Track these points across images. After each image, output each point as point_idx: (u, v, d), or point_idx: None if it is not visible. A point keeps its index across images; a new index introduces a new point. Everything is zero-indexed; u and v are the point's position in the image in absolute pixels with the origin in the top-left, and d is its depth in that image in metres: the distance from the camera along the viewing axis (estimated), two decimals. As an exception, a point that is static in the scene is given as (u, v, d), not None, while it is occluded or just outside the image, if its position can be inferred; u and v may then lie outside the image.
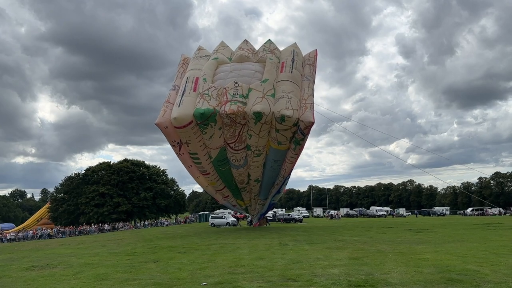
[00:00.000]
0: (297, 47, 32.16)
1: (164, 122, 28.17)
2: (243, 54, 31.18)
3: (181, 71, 33.01)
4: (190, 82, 29.29)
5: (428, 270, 10.51)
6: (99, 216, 64.30)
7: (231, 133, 27.42)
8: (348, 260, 12.73)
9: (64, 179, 73.23)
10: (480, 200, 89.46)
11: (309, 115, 26.94)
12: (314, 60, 31.95)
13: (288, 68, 29.40)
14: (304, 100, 28.14)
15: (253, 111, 25.91)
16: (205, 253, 16.35)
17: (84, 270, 12.92)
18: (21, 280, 11.60)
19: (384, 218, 69.34)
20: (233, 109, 25.98)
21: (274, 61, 29.95)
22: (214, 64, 30.69)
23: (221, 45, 33.50)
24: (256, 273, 10.70)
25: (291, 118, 25.98)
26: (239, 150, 28.77)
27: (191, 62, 32.69)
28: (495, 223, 38.35)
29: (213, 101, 26.87)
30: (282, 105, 26.39)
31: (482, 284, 8.66)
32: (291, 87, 28.10)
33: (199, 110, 26.27)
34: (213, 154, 29.48)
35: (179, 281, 10.01)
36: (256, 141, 28.10)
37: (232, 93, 27.08)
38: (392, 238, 22.13)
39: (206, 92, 27.49)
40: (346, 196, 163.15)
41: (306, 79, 30.10)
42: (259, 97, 26.84)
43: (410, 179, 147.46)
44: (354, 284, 8.92)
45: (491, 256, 13.24)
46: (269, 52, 30.90)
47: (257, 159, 29.70)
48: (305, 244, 18.98)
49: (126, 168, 70.37)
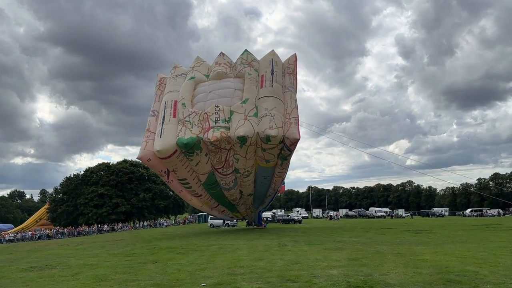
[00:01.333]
0: (275, 54, 31.22)
1: (147, 155, 27.60)
2: (220, 71, 30.24)
3: (159, 93, 32.20)
4: (168, 107, 28.49)
5: (427, 271, 10.53)
6: (98, 217, 64.24)
7: (217, 159, 26.97)
8: (347, 261, 12.73)
9: (63, 180, 73.24)
10: (495, 199, 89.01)
11: (294, 131, 26.49)
12: (294, 67, 31.15)
13: (268, 83, 28.64)
14: (288, 115, 27.59)
15: (236, 136, 25.44)
16: (204, 254, 16.35)
17: (83, 271, 12.92)
18: (20, 281, 11.59)
19: (383, 219, 69.36)
20: (216, 136, 25.48)
21: (253, 76, 29.19)
22: (191, 85, 29.86)
23: (196, 61, 32.44)
24: (255, 274, 10.71)
25: (276, 137, 25.60)
26: (227, 174, 28.40)
27: (168, 82, 31.79)
28: (494, 224, 38.40)
29: (196, 129, 26.27)
30: (266, 124, 25.86)
31: (481, 285, 8.67)
32: (273, 103, 27.41)
33: (182, 140, 25.71)
34: (202, 179, 29.12)
35: (178, 282, 10.01)
36: (244, 164, 27.70)
37: (214, 118, 26.47)
38: (391, 239, 22.15)
39: (187, 119, 26.81)
40: (345, 197, 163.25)
41: (288, 90, 29.39)
42: (241, 119, 26.23)
43: (409, 180, 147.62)
44: (353, 285, 8.92)
45: (490, 257, 13.26)
46: (247, 65, 30.03)
47: (247, 179, 29.44)
48: (304, 245, 18.98)
49: (125, 169, 70.32)
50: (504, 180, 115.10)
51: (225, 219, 44.02)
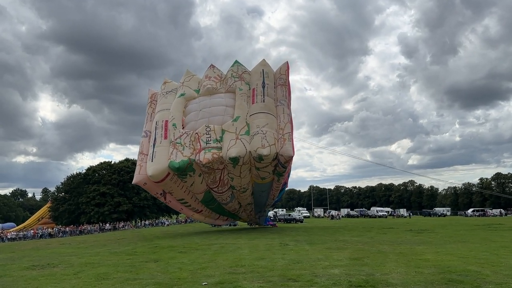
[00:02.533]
0: (266, 65, 30.52)
1: (142, 180, 27.49)
2: (210, 86, 29.71)
3: (150, 112, 31.85)
4: (160, 128, 28.18)
5: (429, 270, 10.51)
6: (99, 215, 64.36)
7: (211, 179, 26.76)
8: (349, 261, 12.72)
9: (65, 179, 73.40)
10: (497, 199, 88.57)
11: (288, 148, 26.03)
12: (286, 78, 30.38)
13: (259, 97, 28.03)
14: (282, 130, 27.10)
15: (228, 157, 25.18)
16: (205, 253, 16.35)
17: (84, 269, 12.94)
18: (22, 279, 11.61)
19: (385, 219, 69.33)
20: (208, 158, 25.26)
21: (244, 91, 28.56)
22: (182, 103, 29.39)
23: (186, 75, 31.83)
24: (256, 273, 10.70)
25: (269, 155, 25.27)
26: (223, 192, 28.24)
27: (158, 100, 31.34)
28: (496, 224, 38.35)
29: (187, 150, 25.99)
30: (258, 143, 25.43)
31: (483, 285, 8.65)
32: (265, 119, 26.88)
33: (174, 164, 25.51)
34: (199, 197, 29.00)
35: (180, 281, 10.01)
36: (239, 182, 27.46)
37: (205, 139, 26.17)
38: (392, 238, 22.12)
39: (178, 140, 26.55)
40: (347, 197, 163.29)
41: (280, 104, 28.76)
42: (232, 139, 25.87)
43: (411, 180, 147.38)
44: (354, 284, 8.91)
45: (492, 257, 13.23)
46: (237, 78, 29.41)
47: (244, 194, 29.30)
48: (305, 244, 18.97)
49: (127, 168, 70.37)
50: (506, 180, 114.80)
51: (231, 223, 44.59)
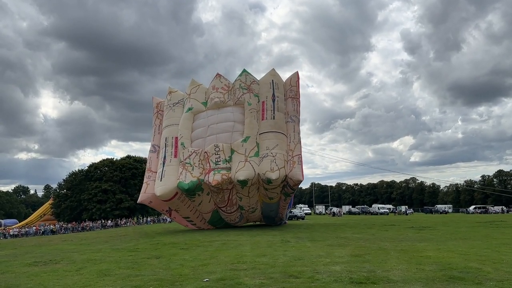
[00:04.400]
0: (276, 75, 29.72)
1: (148, 198, 27.50)
2: (218, 100, 29.04)
3: (157, 123, 31.54)
4: (170, 145, 28.07)
5: (430, 267, 10.51)
6: (101, 212, 64.52)
7: (220, 198, 26.69)
8: (350, 257, 12.73)
9: (67, 176, 73.55)
10: (499, 196, 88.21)
11: (298, 172, 25.97)
12: (296, 90, 29.93)
13: (269, 113, 27.59)
14: (292, 151, 26.94)
15: (237, 179, 25.15)
16: (207, 249, 16.38)
17: (87, 265, 12.98)
18: (24, 275, 11.66)
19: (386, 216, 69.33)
20: (217, 179, 25.24)
21: (253, 106, 28.02)
22: (189, 119, 29.01)
23: (192, 85, 30.86)
24: (258, 270, 10.73)
25: (277, 179, 25.24)
26: (232, 212, 28.16)
27: (165, 112, 30.89)
28: (498, 221, 38.32)
29: (196, 171, 25.93)
30: (267, 166, 25.34)
31: (484, 282, 8.65)
32: (275, 140, 26.66)
33: (183, 186, 25.48)
34: (207, 217, 28.91)
35: (182, 277, 10.04)
36: (248, 201, 27.39)
37: (214, 159, 26.06)
38: (394, 235, 22.12)
39: (188, 160, 26.46)
40: (348, 194, 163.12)
41: (291, 121, 28.50)
42: (241, 161, 25.76)
43: (413, 177, 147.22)
44: (355, 281, 8.92)
45: (493, 254, 13.23)
46: (245, 89, 28.69)
47: (253, 214, 29.21)
48: (307, 241, 18.99)
49: (129, 165, 70.56)
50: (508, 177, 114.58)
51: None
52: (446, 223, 35.63)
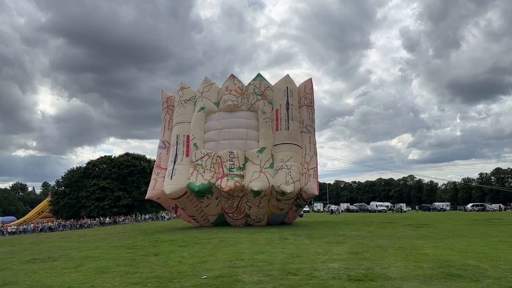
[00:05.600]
0: (290, 81, 29.67)
1: (156, 195, 27.46)
2: (231, 103, 28.71)
3: (167, 119, 31.15)
4: (181, 143, 27.76)
5: (428, 265, 10.54)
6: (100, 209, 64.53)
7: (229, 204, 26.56)
8: (348, 255, 12.76)
9: (65, 173, 73.55)
10: (507, 194, 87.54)
11: (313, 186, 25.84)
12: (311, 97, 29.81)
13: (283, 123, 27.45)
14: (307, 164, 26.76)
15: (250, 189, 25.03)
16: (205, 247, 16.39)
17: (85, 263, 12.97)
18: (22, 272, 11.65)
19: (384, 213, 69.46)
20: (230, 185, 25.11)
21: (267, 115, 27.80)
22: (202, 118, 28.68)
23: (205, 84, 30.46)
24: (256, 267, 10.74)
25: (292, 193, 25.20)
26: (238, 219, 28.06)
27: (176, 108, 30.50)
28: (495, 218, 38.45)
29: (207, 174, 25.75)
30: (282, 179, 25.28)
31: (482, 279, 8.67)
32: (289, 152, 26.57)
33: (194, 187, 25.36)
34: (212, 219, 28.83)
35: (180, 275, 10.04)
36: (256, 212, 27.25)
37: (228, 166, 25.94)
38: (392, 233, 22.17)
39: (200, 162, 26.30)
40: (346, 191, 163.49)
41: (307, 131, 28.33)
42: (256, 171, 25.63)
43: (411, 175, 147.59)
44: (353, 278, 8.94)
45: (490, 252, 13.27)
46: (259, 95, 28.46)
47: (258, 223, 29.05)
48: (305, 238, 19.02)
49: (127, 162, 70.51)
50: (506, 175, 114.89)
51: None
52: (443, 221, 35.72)
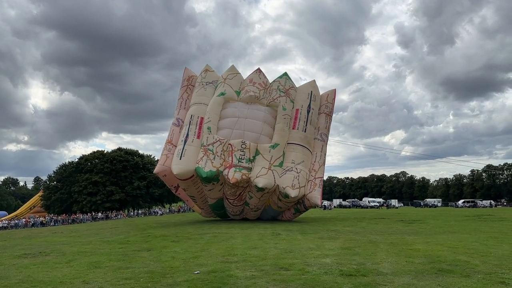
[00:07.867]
0: (316, 86, 30.00)
1: (164, 171, 27.47)
2: (253, 94, 28.60)
3: (185, 97, 30.88)
4: (194, 124, 27.59)
5: (419, 260, 10.63)
6: (92, 204, 64.18)
7: (232, 191, 26.68)
8: (340, 250, 12.84)
9: (57, 167, 73.00)
10: (498, 190, 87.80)
11: (316, 196, 26.08)
12: (331, 107, 30.25)
13: (301, 123, 27.60)
14: (315, 172, 26.95)
15: (255, 184, 25.17)
16: (198, 242, 16.40)
17: (77, 258, 12.93)
18: (13, 267, 11.59)
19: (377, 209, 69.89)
20: (237, 177, 25.18)
21: (287, 112, 27.77)
22: (220, 103, 28.38)
23: (230, 72, 30.34)
24: (249, 262, 10.77)
25: (295, 197, 25.33)
26: (237, 205, 28.35)
27: (196, 88, 30.27)
28: (486, 215, 38.82)
29: (217, 161, 25.64)
30: (289, 181, 25.34)
31: (472, 275, 8.77)
32: (301, 155, 26.68)
33: (202, 173, 25.29)
34: (211, 202, 29.05)
35: (172, 270, 10.05)
36: (256, 202, 27.52)
37: (238, 156, 25.85)
38: (384, 228, 22.33)
39: (211, 147, 26.13)
40: (339, 187, 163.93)
41: (320, 139, 28.52)
42: (264, 167, 25.61)
43: (403, 171, 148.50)
44: (345, 273, 9.00)
45: (481, 247, 13.41)
46: (283, 92, 28.38)
47: (254, 213, 29.33)
48: (297, 234, 19.09)
49: (120, 157, 70.11)
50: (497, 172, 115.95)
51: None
52: (435, 217, 36.02)
